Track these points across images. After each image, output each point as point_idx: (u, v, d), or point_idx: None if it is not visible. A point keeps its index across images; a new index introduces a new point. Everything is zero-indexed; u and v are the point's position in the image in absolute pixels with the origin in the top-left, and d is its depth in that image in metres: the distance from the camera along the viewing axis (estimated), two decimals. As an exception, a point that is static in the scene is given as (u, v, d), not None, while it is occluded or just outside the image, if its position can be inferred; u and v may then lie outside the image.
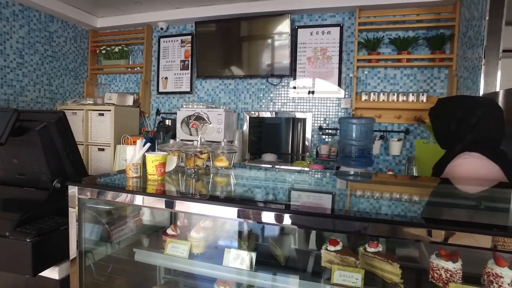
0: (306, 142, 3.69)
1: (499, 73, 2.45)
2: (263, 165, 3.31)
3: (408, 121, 3.31)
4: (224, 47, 3.96)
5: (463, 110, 1.54)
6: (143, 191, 1.14)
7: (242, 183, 1.50)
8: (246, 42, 3.85)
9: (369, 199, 1.34)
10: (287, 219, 1.02)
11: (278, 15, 3.62)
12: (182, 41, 4.30)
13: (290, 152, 4.14)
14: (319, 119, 3.65)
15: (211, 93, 4.17)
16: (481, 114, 1.50)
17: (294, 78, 3.71)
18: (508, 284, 1.07)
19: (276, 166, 3.09)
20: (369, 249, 1.25)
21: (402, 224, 0.94)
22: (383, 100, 3.28)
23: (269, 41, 3.71)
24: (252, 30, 3.81)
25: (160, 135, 3.97)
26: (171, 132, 3.96)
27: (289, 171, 2.21)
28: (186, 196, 1.12)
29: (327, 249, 1.28)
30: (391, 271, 1.18)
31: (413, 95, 3.21)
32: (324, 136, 3.61)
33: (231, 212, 1.06)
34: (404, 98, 3.23)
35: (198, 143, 1.55)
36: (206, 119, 3.37)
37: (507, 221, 1.18)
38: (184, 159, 1.47)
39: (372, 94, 3.32)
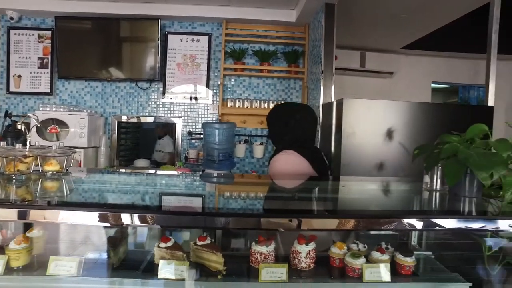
0: (177, 147, 3.72)
1: (333, 87, 2.93)
2: (129, 170, 3.20)
3: (269, 127, 3.66)
4: (90, 47, 3.70)
5: (286, 115, 1.83)
6: None
7: (73, 187, 1.44)
8: (114, 44, 3.68)
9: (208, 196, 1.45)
10: (102, 218, 1.03)
11: (148, 19, 3.57)
12: (40, 36, 3.85)
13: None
14: (189, 124, 3.72)
15: (76, 95, 3.84)
16: (298, 118, 1.80)
17: (164, 83, 3.71)
18: (304, 257, 1.30)
19: (140, 172, 3.03)
20: (198, 243, 1.35)
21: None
22: (247, 107, 3.55)
23: (139, 44, 3.64)
24: (121, 32, 3.67)
25: (8, 140, 3.45)
26: (22, 137, 3.48)
27: (146, 175, 2.20)
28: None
29: (159, 246, 1.32)
30: (216, 260, 1.30)
31: (273, 102, 3.57)
32: (193, 141, 3.70)
33: (38, 215, 1.01)
34: (266, 105, 3.57)
35: (27, 147, 1.43)
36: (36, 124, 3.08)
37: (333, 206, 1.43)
38: (5, 164, 1.34)
39: (237, 101, 3.56)
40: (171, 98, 3.73)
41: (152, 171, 3.22)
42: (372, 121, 2.52)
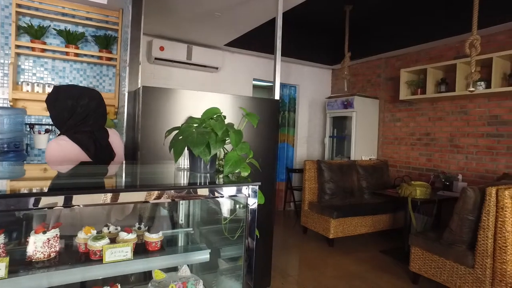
0: (-49, 138, 2.99)
1: (139, 75, 2.89)
2: None
3: (77, 115, 3.34)
4: None
5: (71, 99, 1.71)
6: None
7: None
8: None
9: None
10: None
11: None
12: None
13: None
14: (-32, 110, 3.04)
15: None
16: (83, 103, 1.72)
17: None
18: (41, 247, 1.22)
19: None
20: None
21: None
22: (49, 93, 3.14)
23: None
24: None
25: None
26: None
27: None
28: None
29: None
30: None
31: (81, 89, 3.26)
32: (-25, 131, 3.05)
33: None
34: (73, 92, 3.23)
35: None
36: None
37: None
38: None
39: (36, 85, 3.11)
40: None
41: None
42: (172, 110, 2.58)
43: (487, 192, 2.45)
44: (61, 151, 1.63)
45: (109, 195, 1.06)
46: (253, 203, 1.22)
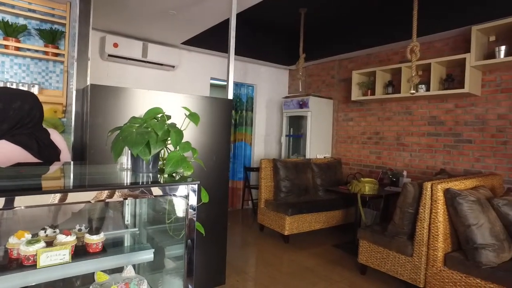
0: None
1: (88, 72, 2.79)
2: None
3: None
4: None
5: (1, 102, 1.63)
6: None
7: None
8: None
9: None
10: None
11: None
12: None
13: None
14: None
15: None
16: (15, 106, 1.65)
17: None
18: None
19: None
20: None
21: None
22: (-14, 89, 2.94)
23: None
24: None
25: None
26: None
27: None
28: None
29: None
30: None
31: (23, 86, 3.08)
32: None
33: None
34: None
35: None
36: None
37: None
38: None
39: (-29, 80, 2.90)
40: None
41: None
42: (121, 109, 2.52)
43: (423, 187, 2.65)
44: (1, 154, 1.55)
45: (38, 197, 1.03)
46: (193, 201, 1.24)
